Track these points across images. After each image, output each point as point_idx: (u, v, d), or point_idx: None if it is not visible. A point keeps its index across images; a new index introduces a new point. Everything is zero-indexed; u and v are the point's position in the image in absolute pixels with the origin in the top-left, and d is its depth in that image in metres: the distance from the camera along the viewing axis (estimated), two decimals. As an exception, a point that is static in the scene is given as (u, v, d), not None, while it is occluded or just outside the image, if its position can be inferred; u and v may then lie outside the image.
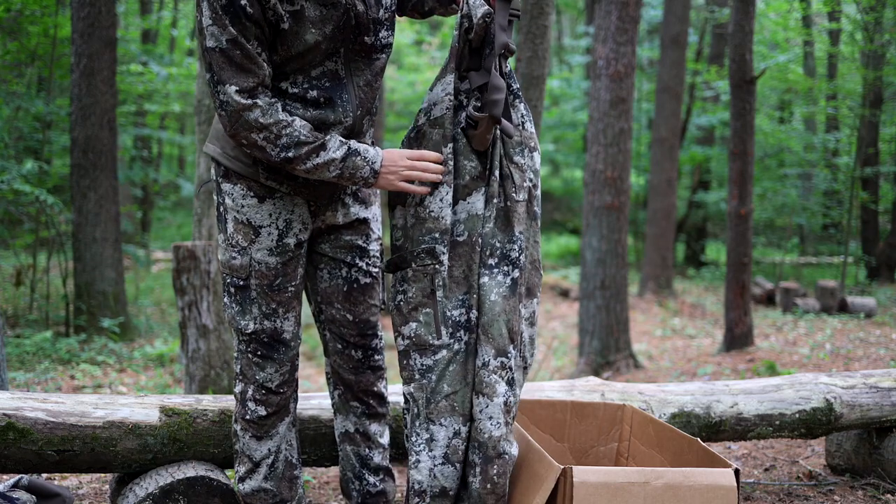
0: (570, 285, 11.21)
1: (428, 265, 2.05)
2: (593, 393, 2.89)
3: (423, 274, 2.05)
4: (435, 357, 2.04)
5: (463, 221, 2.06)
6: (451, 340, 2.04)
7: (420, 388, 2.04)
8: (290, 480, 2.29)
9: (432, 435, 2.03)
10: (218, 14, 1.88)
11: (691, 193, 14.54)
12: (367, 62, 2.10)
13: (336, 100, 2.06)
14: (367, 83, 2.12)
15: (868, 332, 6.84)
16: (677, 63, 10.60)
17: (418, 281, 2.06)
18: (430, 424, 2.03)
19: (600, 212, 6.18)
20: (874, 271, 11.31)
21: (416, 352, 2.05)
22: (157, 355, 5.65)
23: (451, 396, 2.03)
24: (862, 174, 10.76)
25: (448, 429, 2.03)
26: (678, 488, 1.97)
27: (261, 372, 2.18)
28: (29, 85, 7.43)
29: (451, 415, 2.03)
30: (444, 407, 2.02)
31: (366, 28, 2.05)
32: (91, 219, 6.09)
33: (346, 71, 2.07)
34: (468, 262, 2.05)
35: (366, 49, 2.08)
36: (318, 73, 2.04)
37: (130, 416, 2.34)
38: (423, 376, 2.04)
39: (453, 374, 2.03)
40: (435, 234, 2.05)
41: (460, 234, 2.06)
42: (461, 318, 2.05)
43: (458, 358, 2.04)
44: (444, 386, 2.03)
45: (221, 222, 2.16)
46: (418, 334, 2.05)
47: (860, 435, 3.22)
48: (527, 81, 4.69)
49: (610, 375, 5.95)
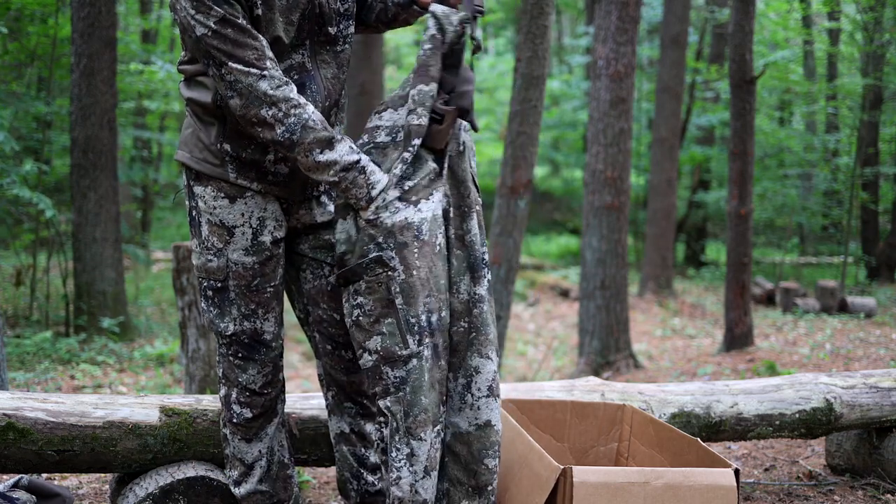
0: (570, 285, 11.21)
1: (380, 274, 1.96)
2: (593, 393, 2.89)
3: (378, 283, 1.96)
4: (407, 367, 1.96)
5: (429, 221, 1.99)
6: (419, 348, 1.96)
7: (397, 402, 1.97)
8: (285, 481, 2.30)
9: (413, 450, 1.97)
10: (199, 0, 1.88)
11: (691, 193, 14.53)
12: (332, 54, 2.13)
13: (305, 91, 2.08)
14: (335, 76, 2.14)
15: (868, 332, 6.84)
16: (677, 63, 10.60)
17: (374, 292, 1.97)
18: (410, 439, 1.96)
19: (600, 212, 6.18)
20: (874, 271, 11.31)
21: (387, 365, 1.97)
22: (157, 355, 5.65)
23: (428, 403, 1.98)
24: (862, 174, 10.76)
25: (427, 442, 1.98)
26: (678, 488, 1.97)
27: (243, 374, 2.18)
28: (29, 85, 7.43)
29: (433, 426, 1.99)
30: (423, 420, 1.96)
31: (329, 18, 2.08)
32: (91, 219, 6.09)
33: (314, 64, 2.10)
34: (430, 263, 1.99)
35: (330, 40, 2.11)
36: (286, 66, 2.05)
37: (130, 416, 2.34)
38: (398, 389, 1.96)
39: (430, 384, 1.98)
40: (379, 240, 1.97)
41: (426, 235, 1.98)
42: (425, 322, 1.97)
43: (427, 364, 1.97)
44: (421, 398, 1.96)
45: (195, 226, 2.16)
46: (385, 346, 1.96)
47: (860, 435, 3.22)
48: (527, 81, 4.69)
49: (610, 375, 5.95)
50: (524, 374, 6.69)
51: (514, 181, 4.71)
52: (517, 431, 2.28)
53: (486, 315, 2.08)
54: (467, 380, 2.07)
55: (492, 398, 2.07)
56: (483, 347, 2.07)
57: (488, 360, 2.08)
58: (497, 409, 2.08)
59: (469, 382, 2.07)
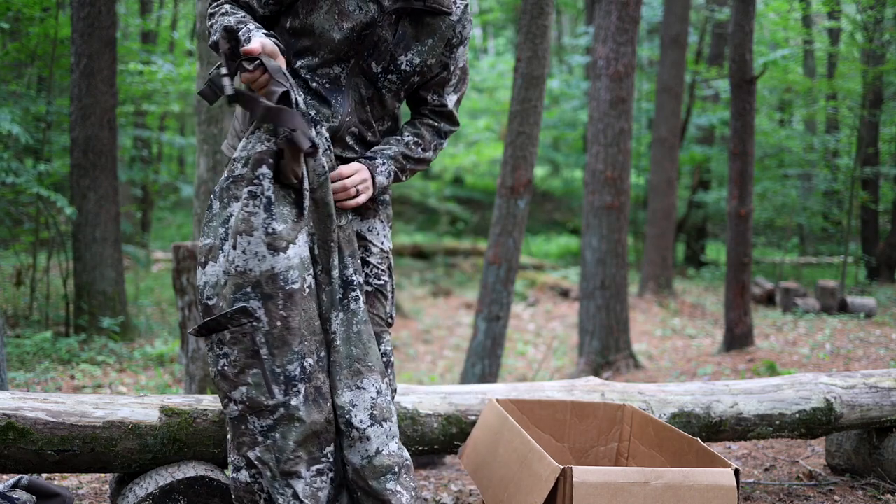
0: (570, 285, 11.21)
1: (245, 325, 1.96)
2: (593, 393, 2.89)
3: (242, 335, 1.96)
4: (274, 416, 1.96)
5: (296, 267, 1.99)
6: (286, 398, 1.96)
7: (267, 450, 1.97)
8: None
9: (295, 490, 1.98)
10: None
11: (691, 193, 14.53)
12: (367, 87, 2.18)
13: (331, 99, 2.14)
14: (360, 103, 2.18)
15: (868, 332, 6.84)
16: (677, 63, 10.60)
17: (238, 343, 1.96)
18: (289, 479, 1.97)
19: (600, 212, 6.18)
20: (874, 271, 11.31)
21: (253, 415, 1.97)
22: (157, 355, 5.65)
23: (303, 446, 1.99)
24: (862, 174, 10.76)
25: (305, 479, 1.99)
26: (678, 488, 1.97)
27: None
28: (29, 85, 7.43)
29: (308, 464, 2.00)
30: (296, 459, 1.98)
31: (379, 56, 2.14)
32: (91, 219, 6.09)
33: (348, 82, 2.15)
34: (301, 310, 1.98)
35: (369, 74, 2.15)
36: (323, 72, 2.13)
37: (130, 416, 2.34)
38: (266, 437, 1.97)
39: (300, 429, 1.98)
40: (246, 290, 1.96)
41: (295, 282, 1.97)
42: (296, 370, 1.97)
43: (300, 412, 1.97)
44: (290, 443, 1.97)
45: None
46: (251, 397, 1.96)
47: (860, 435, 3.22)
48: (527, 81, 4.69)
49: (610, 375, 5.95)
50: (524, 374, 6.70)
51: (514, 181, 4.72)
52: (517, 431, 2.28)
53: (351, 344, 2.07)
54: (346, 417, 2.05)
55: (376, 425, 2.06)
56: (352, 379, 2.06)
57: (360, 389, 2.06)
58: (386, 433, 2.07)
59: (349, 419, 2.05)
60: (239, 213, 1.99)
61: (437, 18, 2.17)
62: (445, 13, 2.16)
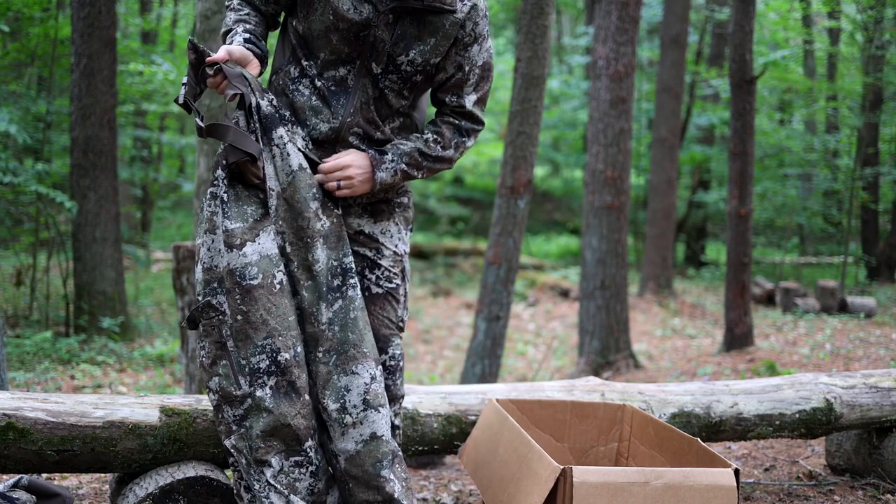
0: (570, 285, 11.21)
1: (213, 317, 2.08)
2: (593, 393, 2.89)
3: (211, 327, 2.08)
4: (243, 406, 2.05)
5: (255, 264, 2.05)
6: (251, 388, 2.03)
7: (241, 438, 2.06)
8: None
9: (268, 476, 2.03)
10: None
11: (691, 193, 14.53)
12: (373, 86, 2.18)
13: (333, 101, 2.16)
14: (366, 103, 2.18)
15: (868, 332, 6.84)
16: (677, 63, 10.60)
17: (209, 335, 2.09)
18: (261, 466, 2.04)
19: (600, 212, 6.18)
20: (874, 271, 11.31)
21: (227, 404, 2.07)
22: (157, 355, 5.65)
23: (274, 436, 2.04)
24: (862, 174, 10.76)
25: (278, 467, 2.04)
26: (678, 488, 1.97)
27: None
28: (29, 85, 7.43)
29: (283, 455, 2.05)
30: (267, 448, 2.03)
31: (376, 55, 2.14)
32: (91, 219, 6.09)
33: (355, 83, 2.17)
34: (266, 306, 2.04)
35: (370, 75, 2.17)
36: (329, 74, 2.16)
37: (130, 416, 2.34)
38: (239, 426, 2.06)
39: (267, 419, 2.03)
40: (213, 285, 2.09)
41: (254, 278, 2.04)
42: (261, 363, 2.03)
43: (268, 402, 2.03)
44: (257, 432, 2.03)
45: None
46: (222, 387, 2.06)
47: (860, 435, 3.22)
48: (527, 81, 4.69)
49: (610, 375, 5.95)
50: (524, 374, 6.69)
51: (514, 181, 4.72)
52: (517, 431, 2.28)
53: (347, 330, 2.10)
54: (340, 402, 2.08)
55: (370, 410, 2.08)
56: (347, 364, 2.09)
57: (354, 375, 2.09)
58: (381, 419, 2.09)
59: (343, 405, 2.07)
60: (204, 213, 2.14)
61: (440, 17, 2.14)
62: (447, 11, 2.14)
